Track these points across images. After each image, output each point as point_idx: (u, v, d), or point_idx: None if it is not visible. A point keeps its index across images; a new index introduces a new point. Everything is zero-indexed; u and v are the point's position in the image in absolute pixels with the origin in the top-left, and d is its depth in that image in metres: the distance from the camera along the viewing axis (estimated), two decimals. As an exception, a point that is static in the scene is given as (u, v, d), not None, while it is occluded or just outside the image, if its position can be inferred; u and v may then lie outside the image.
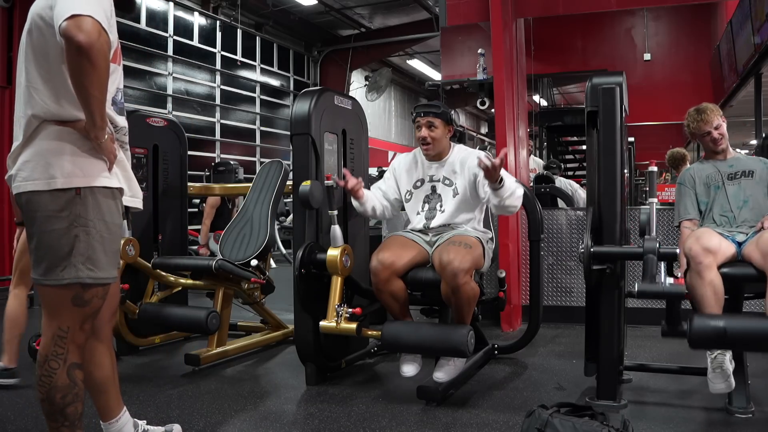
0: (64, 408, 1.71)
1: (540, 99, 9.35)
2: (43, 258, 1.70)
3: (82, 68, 1.53)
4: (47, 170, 1.66)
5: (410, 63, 13.66)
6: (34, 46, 1.69)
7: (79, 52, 1.50)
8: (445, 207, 2.96)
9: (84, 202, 1.68)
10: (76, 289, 1.71)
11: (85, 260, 1.69)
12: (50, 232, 1.67)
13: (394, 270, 2.74)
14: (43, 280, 1.71)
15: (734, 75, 6.64)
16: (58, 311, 1.73)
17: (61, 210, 1.66)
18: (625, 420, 2.09)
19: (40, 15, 1.66)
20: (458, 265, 2.59)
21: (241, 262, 3.59)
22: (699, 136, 2.97)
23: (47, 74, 1.69)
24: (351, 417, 2.56)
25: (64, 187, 1.66)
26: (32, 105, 1.70)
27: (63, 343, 1.72)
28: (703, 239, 2.57)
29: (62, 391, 1.70)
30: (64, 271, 1.68)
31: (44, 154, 1.68)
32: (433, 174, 3.02)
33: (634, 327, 3.97)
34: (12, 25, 6.60)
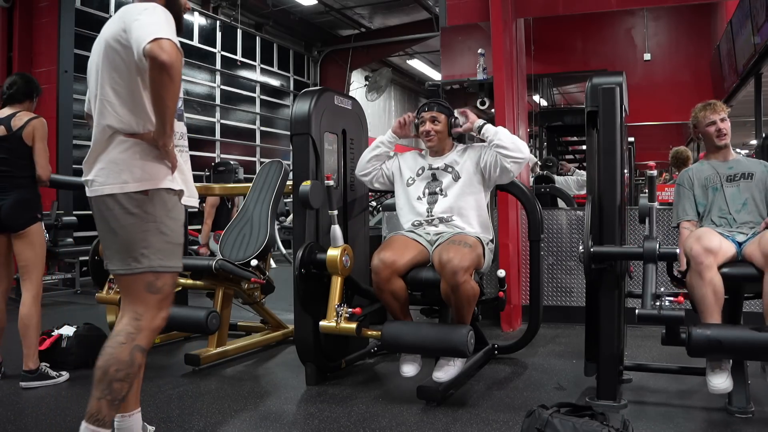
0: (112, 381, 1.84)
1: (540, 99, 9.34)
2: (118, 252, 1.94)
3: (163, 83, 1.77)
4: (120, 175, 1.91)
5: (410, 63, 13.65)
6: (109, 64, 1.92)
7: (162, 69, 1.74)
8: (446, 190, 3.02)
9: (152, 202, 1.92)
10: (149, 277, 1.93)
11: (155, 251, 1.93)
12: (125, 228, 1.91)
13: (395, 269, 2.74)
14: (120, 270, 1.95)
15: (734, 75, 6.64)
16: (135, 297, 1.95)
17: (133, 209, 1.91)
18: (625, 420, 2.09)
19: (116, 38, 1.89)
20: (458, 264, 2.59)
21: (241, 262, 3.59)
22: (704, 125, 2.95)
23: (122, 90, 1.92)
24: (351, 417, 2.56)
25: (135, 190, 1.90)
26: (105, 116, 1.93)
27: (137, 325, 1.92)
28: (704, 239, 2.57)
29: (118, 365, 1.85)
30: (137, 262, 1.92)
31: (117, 162, 1.92)
32: (433, 163, 3.11)
33: (634, 327, 3.97)
34: (12, 25, 6.60)
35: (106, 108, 1.93)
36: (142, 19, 1.82)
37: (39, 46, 6.64)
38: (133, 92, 1.91)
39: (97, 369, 1.87)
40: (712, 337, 2.37)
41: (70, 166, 6.42)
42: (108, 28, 1.95)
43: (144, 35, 1.77)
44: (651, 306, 2.42)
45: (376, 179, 3.22)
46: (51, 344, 3.29)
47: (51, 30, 6.55)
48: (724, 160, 2.94)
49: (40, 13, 6.65)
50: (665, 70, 7.93)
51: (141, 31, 1.79)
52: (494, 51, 4.36)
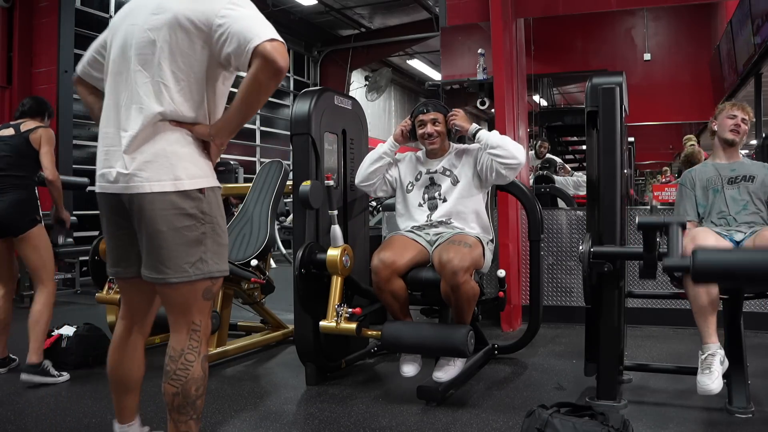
0: (196, 400, 1.77)
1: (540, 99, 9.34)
2: (169, 257, 1.71)
3: (268, 88, 1.67)
4: (173, 171, 1.70)
5: (410, 63, 13.65)
6: (174, 44, 1.70)
7: (276, 74, 1.63)
8: (445, 195, 3.01)
9: (208, 201, 1.75)
10: (206, 283, 1.78)
11: (213, 255, 1.77)
12: (179, 230, 1.71)
13: (395, 269, 2.74)
14: (169, 278, 1.73)
15: (734, 75, 6.64)
16: (189, 307, 1.78)
17: (190, 209, 1.71)
18: (625, 420, 2.09)
19: (190, 18, 1.69)
20: (458, 264, 2.59)
21: (241, 262, 3.59)
22: (725, 116, 2.94)
23: (183, 76, 1.72)
24: (351, 417, 2.56)
25: (191, 188, 1.72)
26: (160, 100, 1.71)
27: (197, 337, 1.80)
28: (698, 239, 2.56)
29: (197, 383, 1.77)
30: (193, 267, 1.73)
31: (168, 156, 1.70)
32: (430, 167, 3.10)
33: (634, 327, 3.97)
34: (12, 25, 6.60)
35: (161, 93, 1.70)
36: (241, 10, 1.67)
37: (39, 46, 6.64)
38: (195, 81, 1.74)
39: (174, 395, 1.76)
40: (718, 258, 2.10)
41: (70, 166, 6.42)
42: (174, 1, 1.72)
43: (256, 32, 1.62)
44: None
45: (379, 188, 3.19)
46: (51, 344, 3.29)
47: (51, 30, 6.55)
48: (729, 161, 2.94)
49: (40, 13, 6.66)
50: (665, 70, 7.93)
51: (248, 25, 1.64)
52: (494, 51, 4.36)
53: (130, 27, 1.77)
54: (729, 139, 2.92)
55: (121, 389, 1.99)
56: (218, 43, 1.68)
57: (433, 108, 3.08)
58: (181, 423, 1.77)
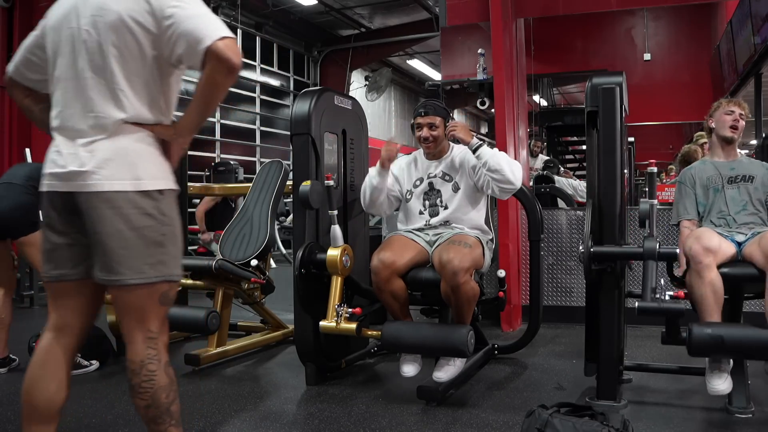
0: (169, 406, 1.70)
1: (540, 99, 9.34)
2: (127, 258, 1.65)
3: (224, 86, 1.63)
4: (133, 170, 1.65)
5: (410, 63, 13.65)
6: (122, 46, 1.66)
7: (231, 72, 1.60)
8: (447, 202, 2.97)
9: (168, 203, 1.71)
10: (164, 287, 1.71)
11: (172, 257, 1.72)
12: (138, 230, 1.65)
13: (395, 269, 2.74)
14: (126, 279, 1.66)
15: (734, 75, 6.64)
16: (145, 313, 1.71)
17: (150, 209, 1.67)
18: (625, 420, 2.09)
19: (136, 19, 1.65)
20: (458, 264, 2.59)
21: (241, 262, 3.59)
22: (722, 112, 2.93)
23: (137, 78, 1.68)
24: (351, 417, 2.56)
25: (151, 189, 1.67)
26: (119, 107, 1.67)
27: (155, 345, 1.71)
28: (704, 239, 2.57)
29: (165, 390, 1.70)
30: (152, 268, 1.67)
31: (128, 155, 1.66)
32: (431, 172, 3.03)
33: (634, 327, 3.97)
34: (12, 25, 6.59)
35: (117, 97, 1.66)
36: (187, 9, 1.62)
37: (39, 46, 6.62)
38: (148, 82, 1.70)
39: (147, 408, 1.68)
40: (713, 335, 2.36)
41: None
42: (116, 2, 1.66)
43: (207, 31, 1.59)
44: (651, 299, 2.42)
45: (388, 208, 3.13)
46: (51, 344, 3.29)
47: (51, 30, 6.54)
48: (727, 159, 2.93)
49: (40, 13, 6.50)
50: (665, 70, 7.93)
51: (196, 24, 1.60)
52: (494, 51, 4.36)
53: (74, 30, 1.70)
54: (728, 137, 2.92)
55: (34, 417, 1.74)
56: (168, 45, 1.65)
57: (432, 111, 3.00)
58: None
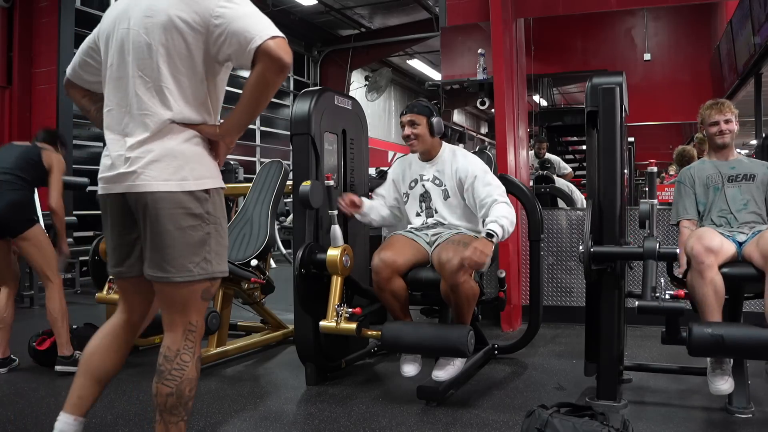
0: (188, 401, 1.76)
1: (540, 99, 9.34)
2: (174, 257, 1.72)
3: (275, 85, 1.66)
4: (179, 171, 1.70)
5: (410, 63, 13.65)
6: (171, 47, 1.70)
7: (283, 71, 1.63)
8: (437, 207, 2.99)
9: (213, 202, 1.76)
10: (206, 284, 1.78)
11: (215, 255, 1.77)
12: (184, 230, 1.71)
13: (396, 268, 2.74)
14: (173, 277, 1.73)
15: (734, 75, 6.64)
16: (188, 307, 1.78)
17: (195, 209, 1.72)
18: (625, 420, 2.09)
19: (185, 19, 1.68)
20: (454, 263, 2.59)
21: (241, 262, 3.59)
22: (707, 125, 2.95)
23: (184, 78, 1.72)
24: (351, 417, 2.56)
25: (197, 189, 1.72)
26: (166, 105, 1.71)
27: (193, 337, 1.81)
28: (705, 239, 2.57)
29: (191, 383, 1.77)
30: (197, 267, 1.74)
31: (176, 155, 1.71)
32: (423, 174, 3.04)
33: (634, 327, 3.97)
34: (12, 25, 6.60)
35: (165, 96, 1.70)
36: (237, 8, 1.66)
37: (39, 46, 6.64)
38: (195, 82, 1.73)
39: (168, 396, 1.73)
40: (714, 335, 2.36)
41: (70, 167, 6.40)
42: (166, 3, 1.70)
43: (256, 30, 1.62)
44: (651, 298, 2.42)
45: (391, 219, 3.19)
46: (51, 344, 3.29)
47: (51, 30, 6.55)
48: (726, 159, 2.93)
49: (40, 13, 6.65)
50: (665, 70, 7.93)
51: (247, 24, 1.64)
52: (494, 51, 4.36)
53: (124, 31, 1.75)
54: (720, 144, 2.94)
55: (90, 377, 1.95)
56: (216, 44, 1.68)
57: (413, 109, 2.98)
58: (172, 424, 1.74)
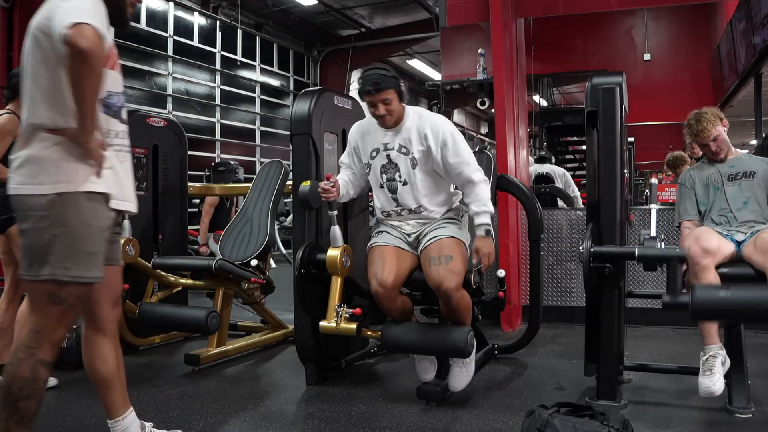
0: (17, 400, 1.74)
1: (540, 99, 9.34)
2: (26, 255, 1.82)
3: (82, 73, 1.66)
4: (37, 176, 1.79)
5: (410, 63, 13.65)
6: (36, 58, 1.81)
7: (81, 57, 1.63)
8: (405, 177, 2.76)
9: (65, 206, 1.79)
10: (52, 286, 1.80)
11: (61, 259, 1.78)
12: (33, 231, 1.79)
13: (395, 287, 2.70)
14: (25, 275, 1.83)
15: (734, 75, 6.64)
16: (37, 306, 1.83)
17: (43, 212, 1.78)
18: (625, 420, 2.09)
19: (40, 28, 1.78)
20: (449, 285, 2.55)
21: (241, 262, 3.59)
22: (698, 146, 2.97)
23: (44, 83, 1.80)
24: (351, 417, 2.56)
25: (49, 192, 1.78)
26: (30, 113, 1.82)
27: (37, 338, 1.80)
28: (703, 240, 2.57)
29: (21, 383, 1.75)
30: (42, 268, 1.78)
31: (36, 161, 1.80)
32: (387, 142, 2.78)
33: (634, 327, 3.97)
34: (12, 25, 6.59)
35: (29, 106, 1.82)
36: (66, 4, 1.70)
37: (39, 46, 6.63)
38: (55, 85, 1.78)
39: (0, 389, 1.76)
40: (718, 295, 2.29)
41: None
42: (36, 17, 1.81)
43: (64, 20, 1.65)
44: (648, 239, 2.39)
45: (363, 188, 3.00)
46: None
47: (51, 30, 6.55)
48: (726, 158, 2.93)
49: (40, 13, 6.64)
50: (665, 70, 7.93)
51: (63, 15, 1.67)
52: (494, 51, 4.36)
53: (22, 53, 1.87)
54: (717, 159, 2.92)
55: (97, 386, 2.03)
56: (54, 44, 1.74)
57: (383, 85, 2.66)
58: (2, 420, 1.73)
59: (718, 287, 2.41)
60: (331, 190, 2.75)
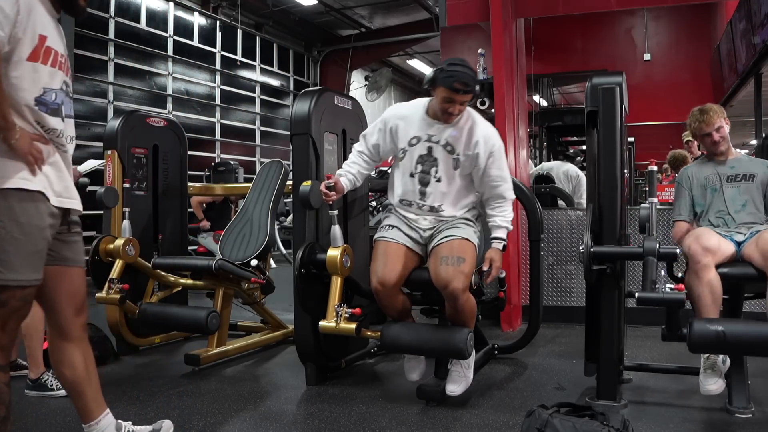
0: None
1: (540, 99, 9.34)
2: None
3: None
4: None
5: (410, 63, 13.65)
6: None
7: None
8: (442, 176, 2.72)
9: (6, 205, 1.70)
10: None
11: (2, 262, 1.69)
12: None
13: (395, 285, 2.70)
14: None
15: (734, 75, 6.64)
16: None
17: None
18: (625, 420, 2.10)
19: None
20: (456, 286, 2.55)
21: (241, 262, 3.58)
22: (699, 136, 2.96)
23: None
24: (351, 417, 2.56)
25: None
26: None
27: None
28: (703, 239, 2.57)
29: None
30: None
31: None
32: (433, 134, 2.71)
33: (634, 327, 3.97)
34: (12, 25, 6.59)
35: None
36: None
37: (39, 46, 6.63)
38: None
39: None
40: (714, 331, 2.34)
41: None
42: None
43: None
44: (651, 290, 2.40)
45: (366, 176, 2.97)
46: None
47: (51, 30, 6.54)
48: (725, 159, 2.92)
49: (40, 13, 6.64)
50: (665, 70, 7.94)
51: None
52: (494, 51, 4.36)
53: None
54: (716, 152, 2.92)
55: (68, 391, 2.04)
56: None
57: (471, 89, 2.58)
58: None
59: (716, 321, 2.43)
60: (331, 194, 2.74)
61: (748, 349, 2.46)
